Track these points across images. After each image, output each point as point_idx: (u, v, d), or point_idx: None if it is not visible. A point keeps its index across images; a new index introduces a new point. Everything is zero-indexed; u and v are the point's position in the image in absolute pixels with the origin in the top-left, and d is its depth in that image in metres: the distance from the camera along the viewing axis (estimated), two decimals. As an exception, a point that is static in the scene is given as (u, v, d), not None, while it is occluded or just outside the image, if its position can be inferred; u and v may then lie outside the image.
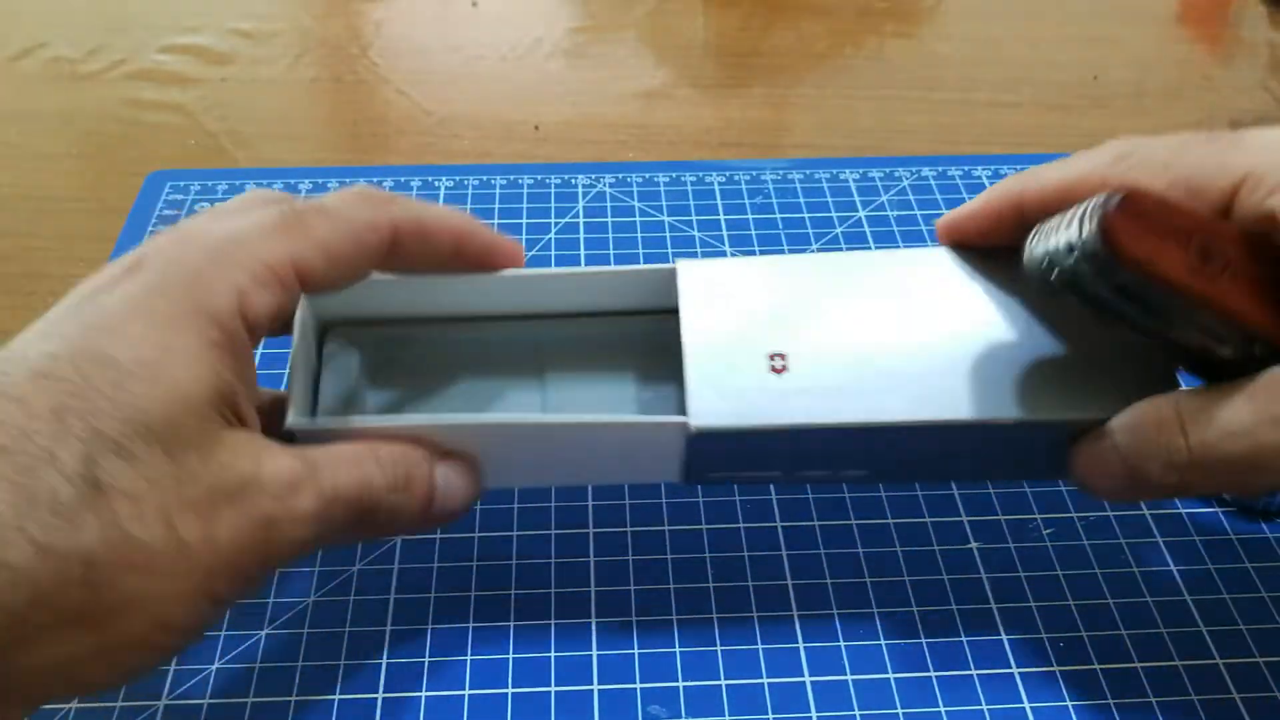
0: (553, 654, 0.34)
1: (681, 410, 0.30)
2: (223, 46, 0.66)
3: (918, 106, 0.61)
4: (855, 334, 0.31)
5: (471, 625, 0.34)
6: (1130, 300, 0.27)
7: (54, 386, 0.24)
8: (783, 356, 0.31)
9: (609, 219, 0.51)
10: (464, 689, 0.33)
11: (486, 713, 0.32)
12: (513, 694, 0.33)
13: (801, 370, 0.31)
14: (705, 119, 0.61)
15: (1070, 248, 0.27)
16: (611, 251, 0.49)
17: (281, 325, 0.31)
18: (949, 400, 0.30)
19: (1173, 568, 0.36)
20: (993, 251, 0.33)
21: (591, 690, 0.33)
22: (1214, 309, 0.27)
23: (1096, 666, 0.33)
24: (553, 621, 0.34)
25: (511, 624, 0.34)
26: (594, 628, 0.34)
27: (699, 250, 0.49)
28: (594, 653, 0.34)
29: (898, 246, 0.49)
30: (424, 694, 0.32)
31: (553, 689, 0.33)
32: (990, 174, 0.54)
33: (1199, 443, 0.27)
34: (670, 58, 0.67)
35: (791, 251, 0.49)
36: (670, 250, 0.49)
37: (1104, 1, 0.73)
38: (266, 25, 0.68)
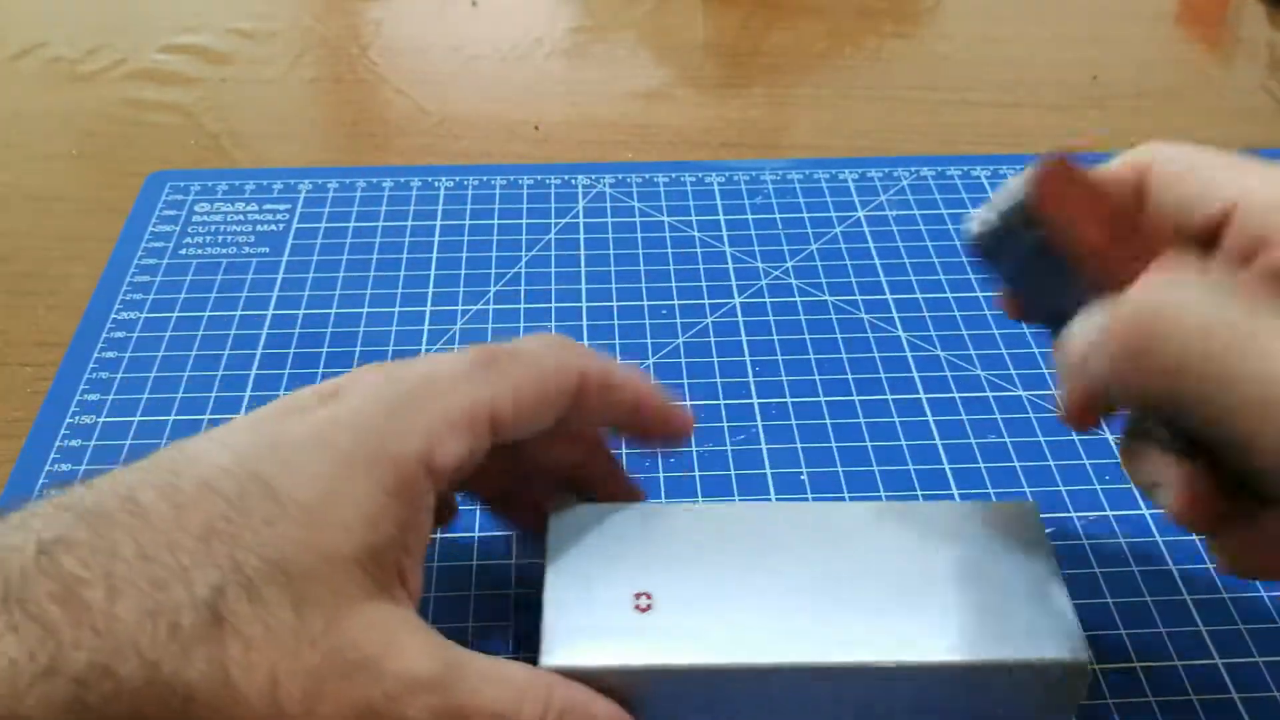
0: (552, 654, 0.34)
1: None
2: (223, 46, 0.66)
3: (917, 106, 0.61)
4: (725, 578, 0.30)
5: (471, 625, 0.34)
6: (1042, 269, 0.28)
7: (212, 505, 0.23)
8: (648, 596, 0.30)
9: (609, 219, 0.51)
10: (464, 689, 0.33)
11: (486, 712, 0.32)
12: (513, 694, 0.33)
13: (667, 610, 0.30)
14: (705, 119, 0.61)
15: (1004, 206, 0.28)
16: (611, 251, 0.49)
17: (469, 471, 0.28)
18: (812, 643, 0.29)
19: (1172, 567, 0.36)
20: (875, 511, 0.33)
21: (591, 690, 0.33)
22: (1117, 288, 0.26)
23: (1095, 666, 0.33)
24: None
25: (511, 623, 0.34)
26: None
27: (699, 250, 0.49)
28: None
29: (896, 246, 0.49)
30: (424, 694, 0.32)
31: (552, 689, 0.33)
32: (989, 174, 0.54)
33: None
34: (670, 58, 0.67)
35: (791, 251, 0.49)
36: (670, 250, 0.49)
37: (1103, 1, 0.73)
38: (266, 25, 0.68)
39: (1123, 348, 0.25)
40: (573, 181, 0.54)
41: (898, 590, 0.30)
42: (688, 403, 0.42)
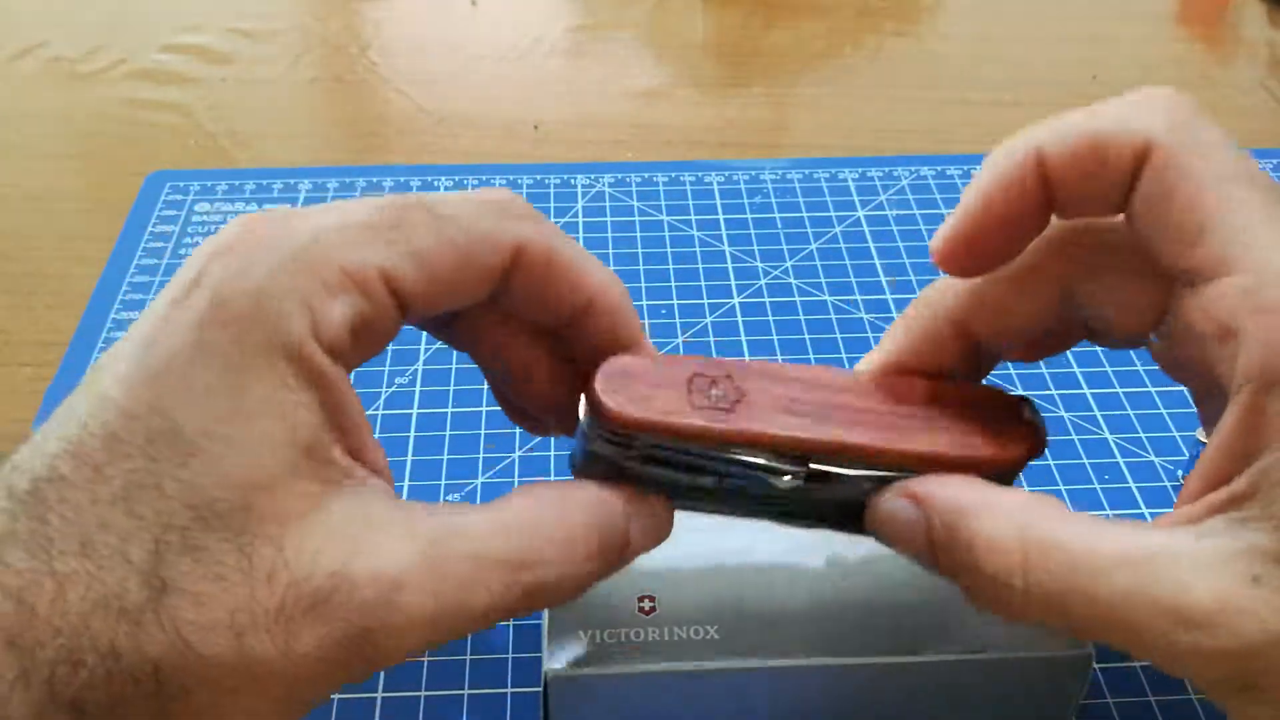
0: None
1: None
2: (223, 46, 0.66)
3: (917, 106, 0.61)
4: (729, 580, 0.30)
5: (471, 625, 0.34)
6: (663, 464, 0.26)
7: (126, 459, 0.21)
8: (651, 599, 0.30)
9: (608, 219, 0.51)
10: (463, 689, 0.33)
11: (486, 712, 0.32)
12: (511, 694, 0.33)
13: (671, 613, 0.30)
14: (704, 119, 0.61)
15: (583, 434, 0.26)
16: (611, 251, 0.49)
17: (376, 343, 0.24)
18: (816, 642, 0.29)
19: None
20: None
21: (591, 690, 0.33)
22: (738, 439, 0.25)
23: (1097, 666, 0.33)
24: (552, 621, 0.35)
25: (511, 624, 0.34)
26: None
27: (699, 250, 0.49)
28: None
29: (896, 246, 0.49)
30: (423, 694, 0.33)
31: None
32: (990, 173, 0.54)
33: (1041, 588, 0.23)
34: (670, 57, 0.67)
35: (790, 251, 0.49)
36: (669, 250, 0.49)
37: (1103, 1, 0.73)
38: (266, 25, 0.68)
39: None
40: (572, 181, 0.54)
41: (899, 587, 0.30)
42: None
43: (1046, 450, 0.34)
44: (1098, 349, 0.44)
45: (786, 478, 0.26)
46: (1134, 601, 0.22)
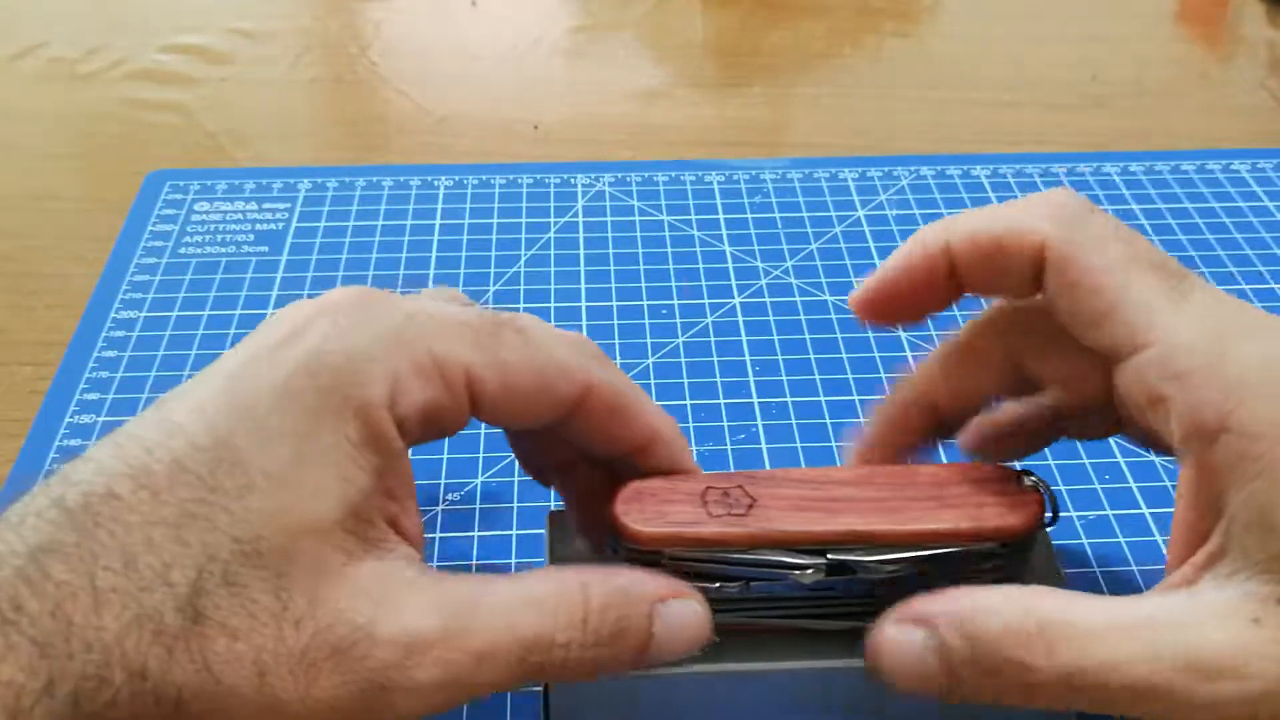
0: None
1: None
2: (223, 46, 0.66)
3: (917, 106, 0.61)
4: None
5: (471, 625, 0.34)
6: (690, 577, 0.27)
7: (186, 487, 0.22)
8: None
9: (608, 218, 0.51)
10: (464, 688, 0.33)
11: (486, 712, 0.32)
12: (511, 694, 0.33)
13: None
14: (704, 118, 0.61)
15: (613, 552, 0.28)
16: (611, 251, 0.49)
17: (441, 431, 0.26)
18: (815, 644, 0.29)
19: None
20: None
21: (591, 689, 0.33)
22: (756, 541, 0.27)
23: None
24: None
25: (511, 623, 0.34)
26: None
27: (699, 249, 0.49)
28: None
29: (896, 245, 0.49)
30: (424, 693, 0.32)
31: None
32: (989, 173, 0.54)
33: (1065, 666, 0.23)
34: (669, 57, 0.67)
35: (791, 251, 0.49)
36: (669, 250, 0.49)
37: (1103, 1, 0.73)
38: (266, 25, 0.68)
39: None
40: (572, 181, 0.54)
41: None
42: (688, 403, 0.42)
43: (1047, 451, 0.34)
44: (1098, 349, 0.44)
45: (809, 571, 0.27)
46: (1154, 663, 0.23)
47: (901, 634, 0.25)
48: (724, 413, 0.41)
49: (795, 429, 0.41)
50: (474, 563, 0.36)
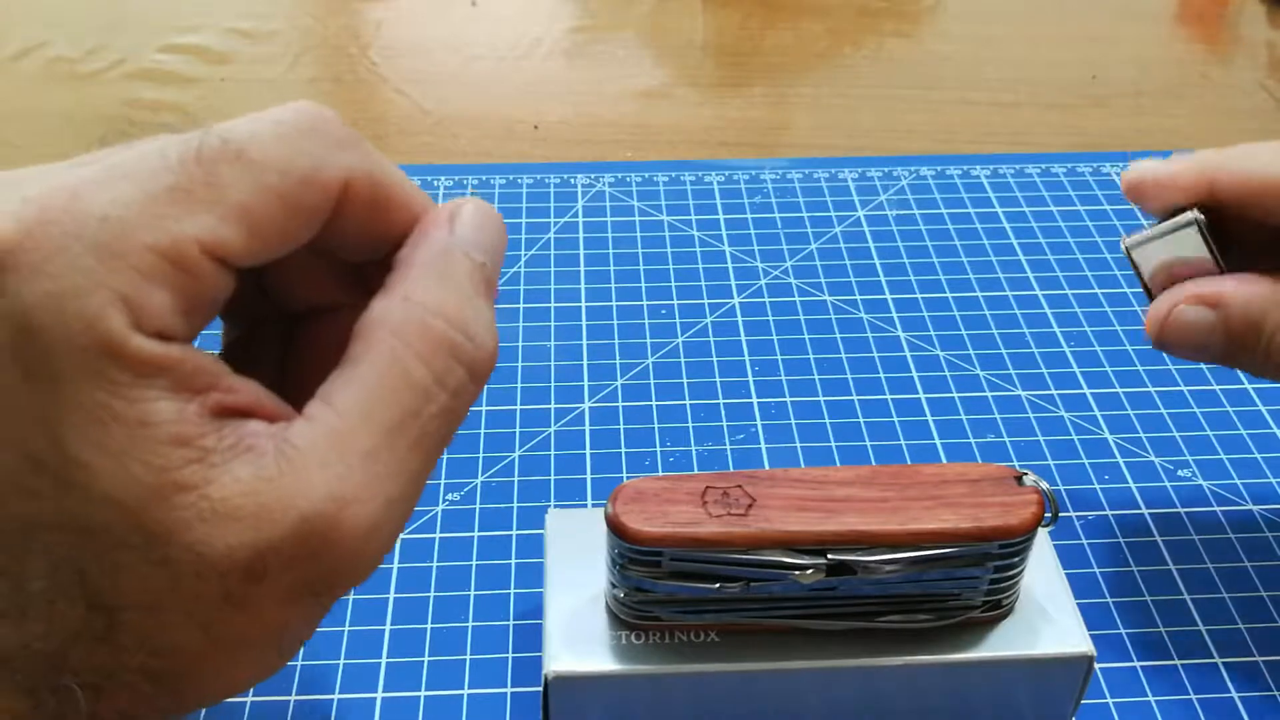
0: (552, 653, 0.34)
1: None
2: (222, 46, 0.66)
3: (917, 106, 0.61)
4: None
5: (471, 625, 0.34)
6: (691, 578, 0.28)
7: (10, 503, 0.20)
8: None
9: (608, 219, 0.51)
10: (463, 689, 0.33)
11: (486, 712, 0.32)
12: (511, 694, 0.33)
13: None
14: (704, 119, 0.61)
15: (612, 563, 0.28)
16: (610, 251, 0.49)
17: (212, 309, 0.22)
18: (816, 643, 0.29)
19: (1172, 567, 0.36)
20: None
21: (591, 690, 0.33)
22: (757, 541, 0.27)
23: (1098, 667, 0.33)
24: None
25: (511, 623, 0.34)
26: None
27: (699, 250, 0.49)
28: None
29: (896, 246, 0.49)
30: (423, 694, 0.33)
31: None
32: (989, 173, 0.54)
33: None
34: (669, 57, 0.67)
35: (790, 251, 0.49)
36: (669, 250, 0.49)
37: (1103, 1, 0.73)
38: (266, 25, 0.68)
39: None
40: (572, 181, 0.54)
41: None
42: (688, 403, 0.42)
43: (1046, 450, 0.34)
44: (1097, 348, 0.44)
45: (809, 571, 0.27)
46: None
47: (1192, 311, 0.31)
48: (724, 413, 0.41)
49: (795, 429, 0.41)
50: (474, 563, 0.36)
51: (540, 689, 0.29)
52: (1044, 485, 0.29)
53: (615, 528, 0.27)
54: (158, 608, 0.20)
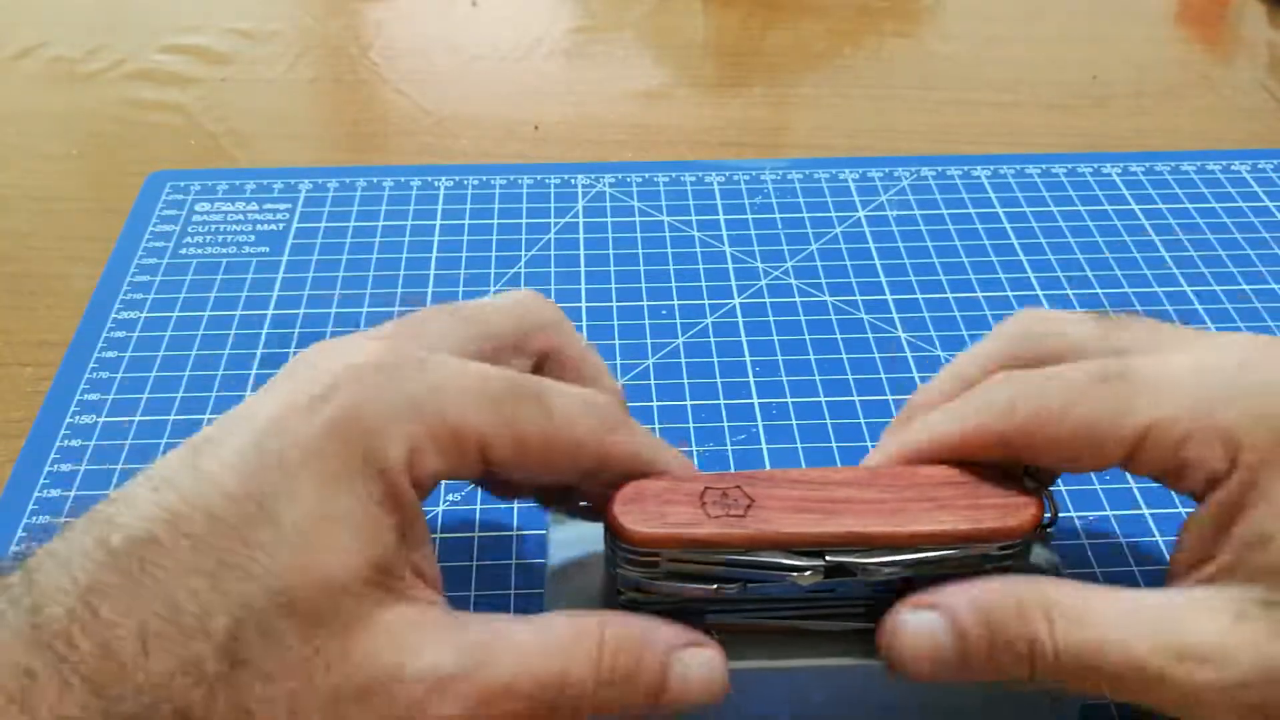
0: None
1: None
2: (223, 46, 0.66)
3: (917, 106, 0.61)
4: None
5: (471, 625, 0.34)
6: (688, 579, 0.27)
7: (222, 537, 0.23)
8: None
9: (608, 219, 0.51)
10: (464, 689, 0.33)
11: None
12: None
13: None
14: (705, 119, 0.61)
15: (609, 562, 0.28)
16: (611, 251, 0.49)
17: (451, 480, 0.28)
18: (817, 643, 0.29)
19: (1172, 567, 0.36)
20: None
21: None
22: (754, 543, 0.27)
23: (1096, 666, 0.33)
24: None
25: (511, 624, 0.34)
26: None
27: (699, 250, 0.49)
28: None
29: (896, 246, 0.49)
30: (424, 694, 0.32)
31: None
32: (989, 173, 0.54)
33: (1071, 644, 0.26)
34: (669, 57, 0.67)
35: (791, 251, 0.49)
36: (670, 250, 0.49)
37: (1103, 1, 0.73)
38: (266, 25, 0.68)
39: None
40: (572, 181, 0.54)
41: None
42: (688, 403, 0.42)
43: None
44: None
45: (807, 573, 0.27)
46: (1151, 646, 0.25)
47: (917, 616, 0.27)
48: (724, 413, 0.41)
49: (795, 429, 0.41)
50: (474, 563, 0.36)
51: None
52: (1046, 489, 0.29)
53: (613, 528, 0.27)
54: (274, 679, 0.22)
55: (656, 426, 0.41)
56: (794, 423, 0.41)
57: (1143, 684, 0.25)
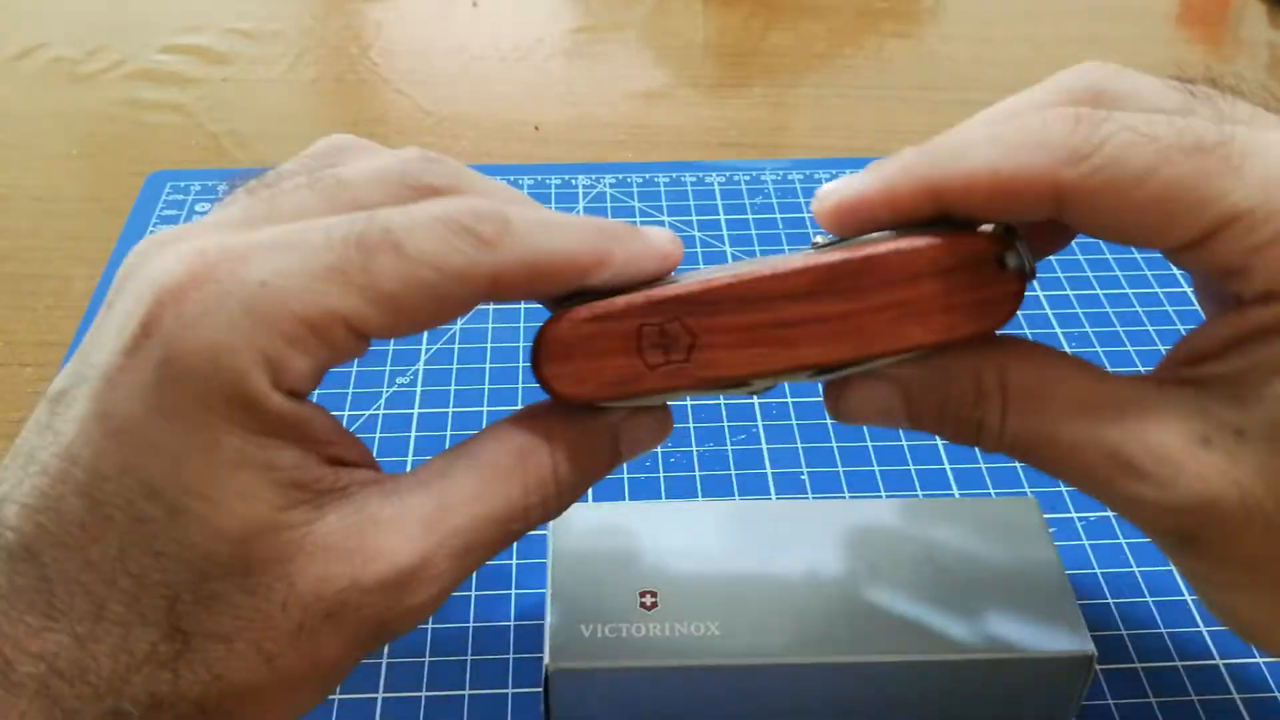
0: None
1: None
2: (223, 46, 0.66)
3: (917, 106, 0.61)
4: (730, 576, 0.31)
5: (471, 625, 0.34)
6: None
7: (111, 522, 0.21)
8: (653, 594, 0.30)
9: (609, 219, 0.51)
10: (464, 689, 0.33)
11: (486, 712, 0.32)
12: (511, 694, 0.33)
13: (672, 608, 0.30)
14: (705, 119, 0.61)
15: None
16: (611, 251, 0.49)
17: (337, 365, 0.24)
18: (818, 640, 0.29)
19: (1172, 567, 0.36)
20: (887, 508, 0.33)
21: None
22: (703, 387, 0.25)
23: (1098, 667, 0.33)
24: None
25: (512, 624, 0.34)
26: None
27: (699, 250, 0.49)
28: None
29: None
30: (424, 694, 0.32)
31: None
32: (990, 174, 0.54)
33: (1018, 433, 0.24)
34: (670, 58, 0.67)
35: (792, 252, 0.49)
36: (670, 250, 0.49)
37: (1103, 1, 0.73)
38: (266, 25, 0.68)
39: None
40: (573, 181, 0.54)
41: (902, 586, 0.30)
42: (688, 403, 0.42)
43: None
44: (1098, 349, 0.44)
45: (759, 382, 0.25)
46: (1094, 452, 0.23)
47: (870, 387, 0.26)
48: (724, 413, 0.41)
49: (796, 429, 0.41)
50: (475, 563, 0.36)
51: (540, 689, 0.29)
52: (1027, 260, 0.24)
53: (546, 389, 0.25)
54: (233, 637, 0.22)
55: (657, 427, 0.41)
56: (794, 423, 0.41)
57: (1083, 483, 0.24)
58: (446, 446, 0.25)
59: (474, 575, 0.35)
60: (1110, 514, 0.38)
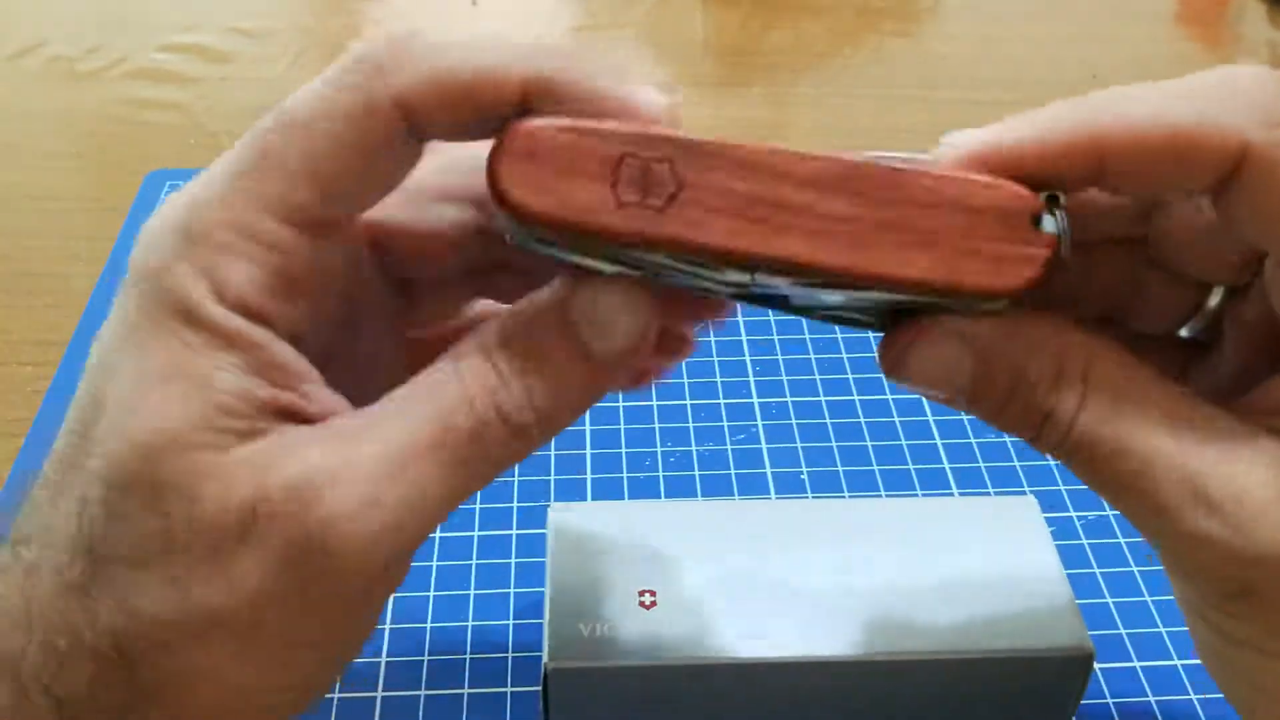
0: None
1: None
2: (222, 45, 0.66)
3: (917, 106, 0.61)
4: (729, 574, 0.30)
5: (470, 624, 0.34)
6: (584, 254, 0.22)
7: (63, 439, 0.22)
8: (652, 593, 0.30)
9: (609, 218, 0.51)
10: (463, 688, 0.33)
11: (486, 712, 0.32)
12: (511, 694, 0.33)
13: (671, 607, 0.30)
14: (705, 118, 0.61)
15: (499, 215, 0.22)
16: (611, 251, 0.49)
17: (312, 287, 0.23)
18: (817, 638, 0.29)
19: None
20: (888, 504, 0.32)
21: (591, 690, 0.33)
22: (669, 247, 0.21)
23: (1097, 666, 0.33)
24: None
25: (511, 623, 0.34)
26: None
27: (698, 250, 0.49)
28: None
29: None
30: (423, 693, 0.32)
31: (552, 688, 0.33)
32: (990, 173, 0.54)
33: (1087, 434, 0.22)
34: (670, 57, 0.67)
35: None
36: (670, 250, 0.49)
37: (1103, 1, 0.73)
38: (266, 24, 0.68)
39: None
40: (573, 181, 0.54)
41: (902, 584, 0.30)
42: (688, 403, 0.42)
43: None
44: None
45: (730, 275, 0.22)
46: (1163, 464, 0.21)
47: (939, 341, 0.23)
48: (724, 413, 0.41)
49: (796, 429, 0.41)
50: (474, 563, 0.36)
51: (540, 687, 0.29)
52: (1064, 231, 0.22)
53: (496, 190, 0.21)
54: (141, 563, 0.20)
55: (656, 426, 0.41)
56: (794, 423, 0.41)
57: (1142, 505, 0.22)
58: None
59: (473, 575, 0.35)
60: (1110, 514, 0.38)
